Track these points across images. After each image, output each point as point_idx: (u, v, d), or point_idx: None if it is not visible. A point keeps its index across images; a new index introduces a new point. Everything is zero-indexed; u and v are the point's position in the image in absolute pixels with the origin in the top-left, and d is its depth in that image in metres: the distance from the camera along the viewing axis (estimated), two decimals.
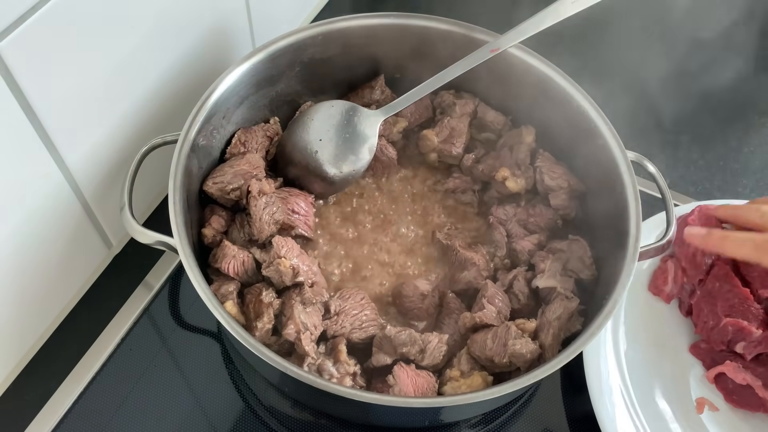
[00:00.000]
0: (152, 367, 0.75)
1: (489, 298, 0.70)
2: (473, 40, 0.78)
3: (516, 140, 0.81)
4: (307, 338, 0.65)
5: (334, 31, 0.79)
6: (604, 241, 0.72)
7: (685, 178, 0.97)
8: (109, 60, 0.68)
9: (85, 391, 0.73)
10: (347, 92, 0.87)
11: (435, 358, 0.67)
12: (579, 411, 0.74)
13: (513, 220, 0.78)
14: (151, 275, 0.82)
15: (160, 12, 0.72)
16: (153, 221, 0.86)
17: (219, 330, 0.79)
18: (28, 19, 0.56)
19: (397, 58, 0.84)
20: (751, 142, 1.01)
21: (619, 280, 0.64)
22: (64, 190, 0.70)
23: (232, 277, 0.69)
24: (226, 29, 0.86)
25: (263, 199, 0.71)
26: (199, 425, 0.72)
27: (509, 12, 0.86)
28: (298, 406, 0.74)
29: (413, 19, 0.80)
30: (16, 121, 0.60)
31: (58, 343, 0.77)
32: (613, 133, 0.72)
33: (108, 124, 0.72)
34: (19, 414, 0.71)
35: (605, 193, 0.73)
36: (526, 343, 0.65)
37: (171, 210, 0.64)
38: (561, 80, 0.76)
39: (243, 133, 0.77)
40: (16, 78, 0.58)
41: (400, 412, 0.63)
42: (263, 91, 0.79)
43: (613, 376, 0.73)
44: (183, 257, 0.62)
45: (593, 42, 1.08)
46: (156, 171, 0.77)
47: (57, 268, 0.74)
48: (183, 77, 0.80)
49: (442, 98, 0.86)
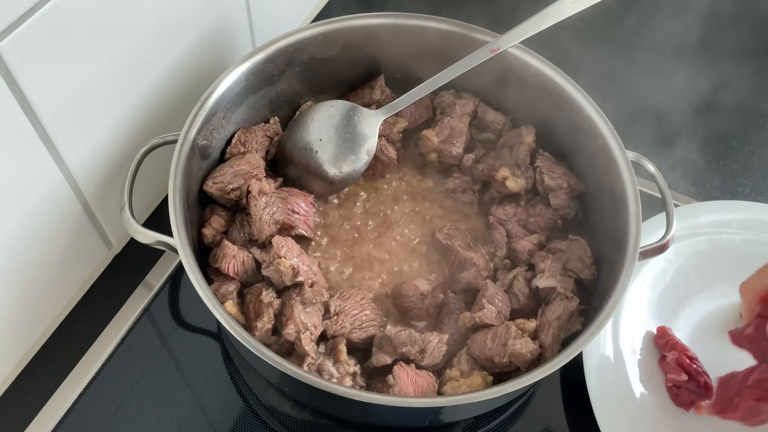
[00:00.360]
0: (152, 367, 0.75)
1: (489, 298, 0.70)
2: (473, 40, 0.78)
3: (516, 140, 0.81)
4: (307, 338, 0.65)
5: (334, 31, 0.79)
6: (604, 241, 0.72)
7: (685, 178, 0.97)
8: (110, 60, 0.68)
9: (85, 391, 0.73)
10: (347, 92, 0.87)
11: (435, 358, 0.67)
12: (579, 411, 0.74)
13: (513, 220, 0.78)
14: (151, 275, 0.82)
15: (161, 12, 0.72)
16: (153, 221, 0.86)
17: (219, 330, 0.79)
18: (28, 19, 0.56)
19: (397, 58, 0.84)
20: (751, 142, 1.01)
21: (619, 280, 0.64)
22: (64, 190, 0.70)
23: (232, 277, 0.69)
24: (226, 29, 0.86)
25: (263, 199, 0.71)
26: (199, 425, 0.72)
27: (509, 12, 0.86)
28: (298, 406, 0.74)
29: (413, 19, 0.80)
30: (16, 121, 0.60)
31: (58, 343, 0.77)
32: (613, 133, 0.72)
33: (108, 124, 0.72)
34: (19, 414, 0.71)
35: (605, 193, 0.73)
36: (526, 343, 0.65)
37: (171, 210, 0.64)
38: (561, 80, 0.76)
39: (243, 133, 0.77)
40: (16, 78, 0.58)
41: (400, 412, 0.63)
42: (263, 91, 0.79)
43: (612, 375, 0.73)
44: (183, 257, 0.62)
45: (592, 39, 1.08)
46: (156, 171, 0.77)
47: (57, 268, 0.74)
48: (183, 77, 0.80)
49: (442, 98, 0.86)
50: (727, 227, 0.84)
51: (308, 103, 0.84)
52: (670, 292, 0.81)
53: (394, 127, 0.84)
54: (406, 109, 0.83)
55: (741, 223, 0.85)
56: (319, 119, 0.79)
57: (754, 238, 0.84)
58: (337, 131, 0.78)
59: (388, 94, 0.86)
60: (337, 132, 0.78)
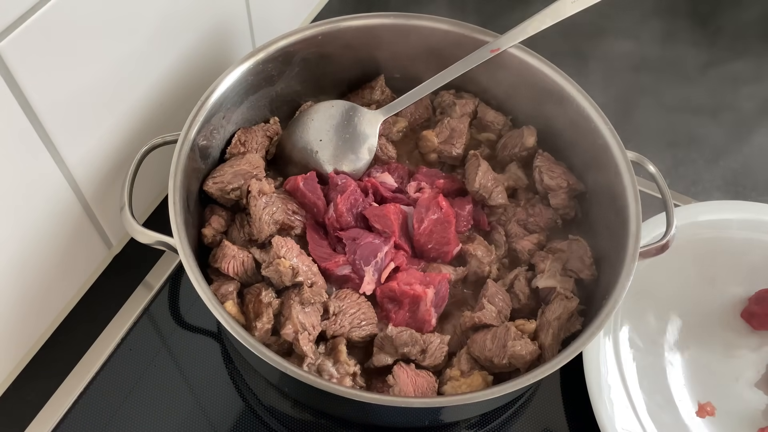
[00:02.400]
0: (152, 367, 0.75)
1: (489, 297, 0.70)
2: (473, 40, 0.78)
3: (517, 141, 0.81)
4: (305, 338, 0.64)
5: (334, 31, 0.79)
6: (604, 241, 0.72)
7: (685, 178, 0.97)
8: (110, 60, 0.68)
9: (85, 391, 0.73)
10: (347, 92, 0.87)
11: (436, 359, 0.67)
12: (579, 411, 0.74)
13: (513, 220, 0.78)
14: (151, 275, 0.82)
15: (161, 12, 0.72)
16: (153, 221, 0.86)
17: (219, 330, 0.79)
18: (28, 19, 0.56)
19: (397, 58, 0.84)
20: (751, 142, 1.01)
21: (619, 280, 0.64)
22: (64, 190, 0.70)
23: (231, 277, 0.69)
24: (226, 29, 0.86)
25: (263, 199, 0.71)
26: (199, 425, 0.72)
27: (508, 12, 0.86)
28: (298, 406, 0.74)
29: (413, 19, 0.80)
30: (16, 121, 0.60)
31: (58, 343, 0.77)
32: (613, 134, 0.72)
33: (108, 124, 0.72)
34: (19, 414, 0.71)
35: (605, 193, 0.73)
36: (526, 344, 0.65)
37: (171, 210, 0.64)
38: (561, 80, 0.76)
39: (243, 133, 0.77)
40: (16, 78, 0.58)
41: (399, 412, 0.63)
42: (263, 91, 0.79)
43: (612, 375, 0.73)
44: (183, 257, 0.62)
45: (590, 37, 1.08)
46: (156, 171, 0.77)
47: (57, 268, 0.74)
48: (183, 77, 0.80)
49: (442, 98, 0.86)
50: (727, 227, 0.84)
51: (308, 103, 0.84)
52: (670, 292, 0.81)
53: (394, 126, 0.84)
54: (406, 109, 0.83)
55: (741, 223, 0.84)
56: (319, 119, 0.79)
57: (754, 238, 0.84)
58: (337, 131, 0.78)
59: (388, 94, 0.86)
60: (337, 132, 0.78)
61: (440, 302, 0.71)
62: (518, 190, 0.81)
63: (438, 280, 0.70)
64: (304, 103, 0.84)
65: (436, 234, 0.73)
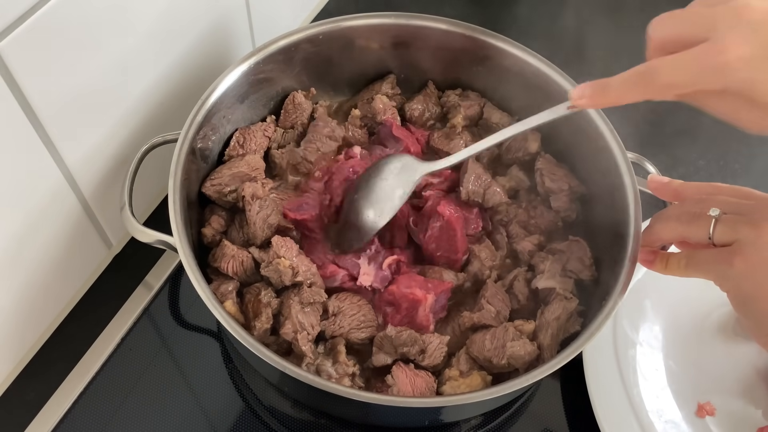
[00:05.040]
0: (152, 367, 0.75)
1: (489, 298, 0.70)
2: (473, 40, 0.78)
3: (521, 145, 0.81)
4: (304, 338, 0.64)
5: (334, 30, 0.79)
6: (604, 241, 0.72)
7: (685, 178, 0.96)
8: (110, 60, 0.68)
9: (85, 391, 0.73)
10: (347, 92, 0.87)
11: (436, 359, 0.67)
12: (579, 411, 0.74)
13: (514, 222, 0.78)
14: (151, 275, 0.82)
15: (161, 12, 0.72)
16: (153, 221, 0.85)
17: (219, 329, 0.79)
18: (28, 19, 0.56)
19: (398, 58, 0.84)
20: (751, 142, 1.01)
21: (619, 280, 0.64)
22: (64, 190, 0.70)
23: (231, 276, 0.69)
24: (226, 29, 0.86)
25: (257, 203, 0.71)
26: (199, 425, 0.72)
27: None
28: (298, 406, 0.74)
29: (413, 19, 0.80)
30: (16, 121, 0.60)
31: (58, 343, 0.77)
32: (614, 134, 0.72)
33: (108, 123, 0.72)
34: (19, 414, 0.71)
35: (605, 193, 0.73)
36: (524, 344, 0.65)
37: (171, 209, 0.64)
38: (562, 81, 0.76)
39: (241, 133, 0.77)
40: (16, 78, 0.58)
41: (399, 412, 0.63)
42: (263, 90, 0.79)
43: (612, 375, 0.73)
44: (183, 256, 0.62)
45: (590, 35, 1.08)
46: (156, 171, 0.77)
47: (57, 267, 0.74)
48: (183, 77, 0.80)
49: (447, 97, 0.85)
50: None
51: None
52: (670, 292, 0.81)
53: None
54: (417, 108, 0.84)
55: None
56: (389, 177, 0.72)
57: None
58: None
59: (397, 94, 0.86)
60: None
61: (439, 310, 0.71)
62: (520, 192, 0.81)
63: (441, 289, 0.69)
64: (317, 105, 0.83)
65: (443, 241, 0.73)
